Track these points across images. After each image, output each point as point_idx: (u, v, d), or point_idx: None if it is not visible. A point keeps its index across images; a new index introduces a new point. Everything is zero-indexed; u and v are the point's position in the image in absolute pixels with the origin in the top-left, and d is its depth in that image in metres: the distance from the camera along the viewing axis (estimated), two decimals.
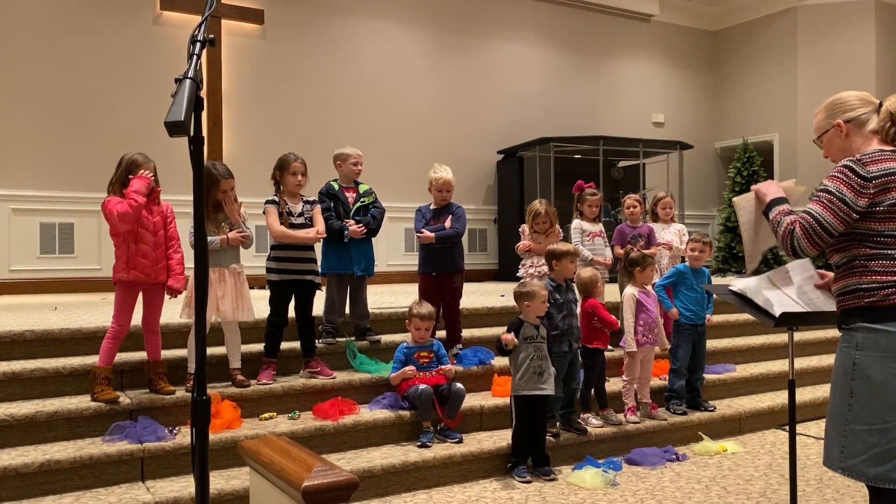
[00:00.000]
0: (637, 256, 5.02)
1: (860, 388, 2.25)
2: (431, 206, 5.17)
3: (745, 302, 2.93)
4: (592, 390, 4.77)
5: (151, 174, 4.00)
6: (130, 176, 3.96)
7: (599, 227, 5.79)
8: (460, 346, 5.09)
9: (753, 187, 2.68)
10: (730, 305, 6.85)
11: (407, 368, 4.37)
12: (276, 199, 4.60)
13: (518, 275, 5.42)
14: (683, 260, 5.56)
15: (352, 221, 4.91)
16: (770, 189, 2.57)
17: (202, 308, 1.88)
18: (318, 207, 4.75)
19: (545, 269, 5.07)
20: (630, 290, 4.94)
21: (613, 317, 4.71)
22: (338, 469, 1.87)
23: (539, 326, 4.25)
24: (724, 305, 6.89)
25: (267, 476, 2.09)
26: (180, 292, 4.11)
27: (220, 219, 4.36)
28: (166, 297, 4.14)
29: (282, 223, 4.52)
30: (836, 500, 3.83)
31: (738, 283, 2.96)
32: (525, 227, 5.45)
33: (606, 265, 5.72)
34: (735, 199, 2.88)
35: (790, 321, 2.90)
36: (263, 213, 4.56)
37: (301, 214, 4.61)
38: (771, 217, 2.47)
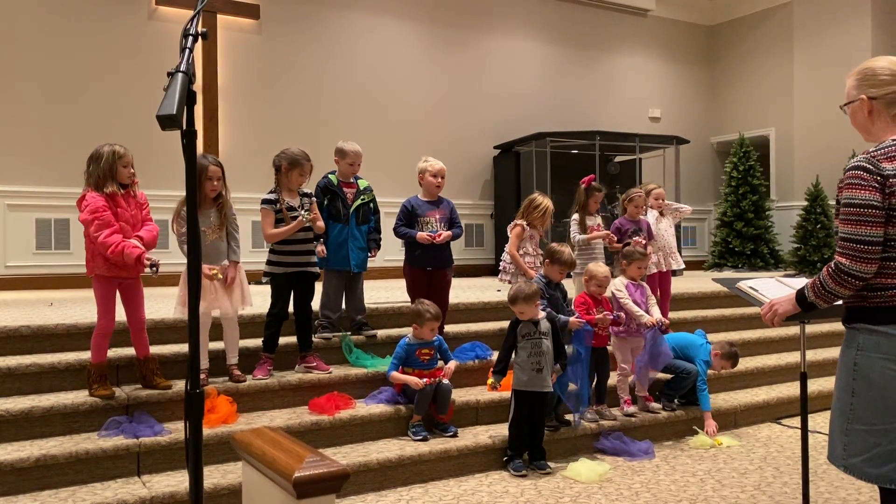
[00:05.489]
0: (629, 251, 5.06)
1: (861, 388, 2.21)
2: (423, 198, 5.09)
3: (753, 295, 2.91)
4: (592, 385, 4.77)
5: (150, 262, 3.81)
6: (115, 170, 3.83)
7: (598, 220, 5.80)
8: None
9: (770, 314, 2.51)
10: (724, 300, 6.96)
11: (411, 378, 4.30)
12: (274, 198, 4.50)
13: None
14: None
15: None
16: (783, 302, 2.46)
17: (196, 302, 1.88)
18: (315, 202, 4.71)
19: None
20: (621, 280, 4.98)
21: (591, 315, 4.63)
22: (329, 460, 1.88)
23: (538, 322, 4.26)
24: (719, 300, 6.93)
25: (259, 467, 2.10)
26: (147, 259, 3.83)
27: (208, 212, 4.23)
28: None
29: (281, 219, 4.49)
30: (829, 492, 3.85)
31: (749, 280, 2.97)
32: (520, 222, 5.35)
33: (611, 244, 5.66)
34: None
35: (801, 314, 2.91)
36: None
37: (301, 207, 4.55)
38: (811, 299, 2.32)
